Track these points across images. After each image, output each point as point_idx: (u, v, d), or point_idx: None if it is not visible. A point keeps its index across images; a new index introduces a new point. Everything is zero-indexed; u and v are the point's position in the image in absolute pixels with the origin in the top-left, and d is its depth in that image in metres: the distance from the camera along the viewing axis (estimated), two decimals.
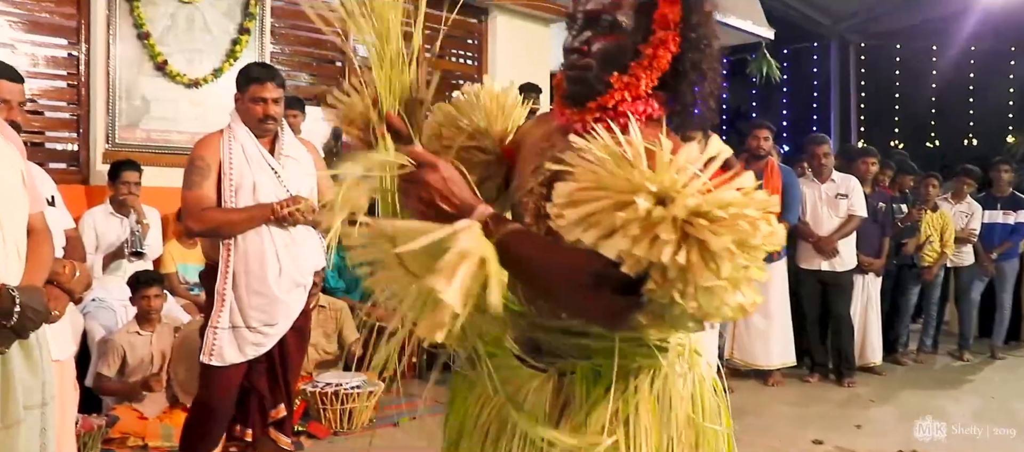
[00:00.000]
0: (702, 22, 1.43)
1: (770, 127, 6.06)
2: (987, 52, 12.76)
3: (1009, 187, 7.33)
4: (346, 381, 4.57)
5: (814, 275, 6.05)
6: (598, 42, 1.44)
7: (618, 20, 1.43)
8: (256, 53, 5.90)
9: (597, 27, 1.44)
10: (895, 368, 6.55)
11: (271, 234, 3.23)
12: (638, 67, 1.43)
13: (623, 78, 1.43)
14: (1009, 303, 7.28)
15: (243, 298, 3.22)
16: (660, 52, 1.42)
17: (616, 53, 1.44)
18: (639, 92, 1.43)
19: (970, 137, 13.60)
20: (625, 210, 1.14)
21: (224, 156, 3.23)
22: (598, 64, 1.44)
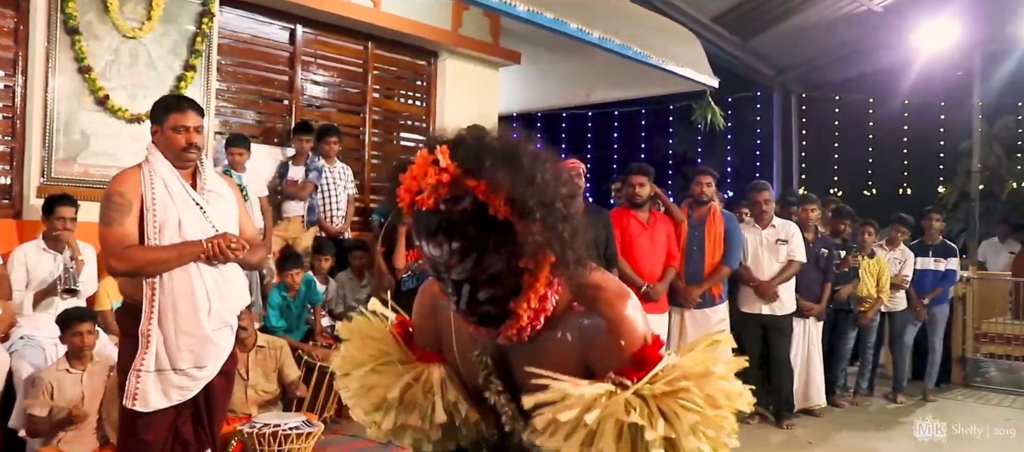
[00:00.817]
0: (545, 189, 1.38)
1: (713, 173, 6.19)
2: (920, 106, 13.27)
3: (940, 235, 7.59)
4: (285, 421, 4.48)
5: (755, 319, 6.15)
6: (483, 292, 1.42)
7: (491, 273, 1.40)
8: (202, 90, 5.86)
9: (475, 284, 1.42)
10: (833, 410, 6.65)
11: (200, 271, 3.05)
12: (527, 285, 1.43)
13: (520, 303, 1.44)
14: (940, 347, 7.48)
15: (171, 339, 3.02)
16: (538, 258, 1.41)
17: (503, 288, 1.43)
18: (540, 299, 1.45)
19: (904, 186, 14.06)
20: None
21: (146, 191, 3.03)
22: (493, 306, 1.44)
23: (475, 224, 1.36)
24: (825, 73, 13.12)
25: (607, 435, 1.32)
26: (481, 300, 1.43)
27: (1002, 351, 8.12)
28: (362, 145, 7.32)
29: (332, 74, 7.16)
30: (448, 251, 1.37)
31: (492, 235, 1.37)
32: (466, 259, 1.38)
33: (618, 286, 1.48)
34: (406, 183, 1.40)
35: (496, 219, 1.36)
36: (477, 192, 1.34)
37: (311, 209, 6.45)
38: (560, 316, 1.48)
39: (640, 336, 1.43)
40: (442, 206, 1.36)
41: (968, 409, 7.13)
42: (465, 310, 1.45)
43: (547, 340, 1.49)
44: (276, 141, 6.73)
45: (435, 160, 1.36)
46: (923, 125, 13.68)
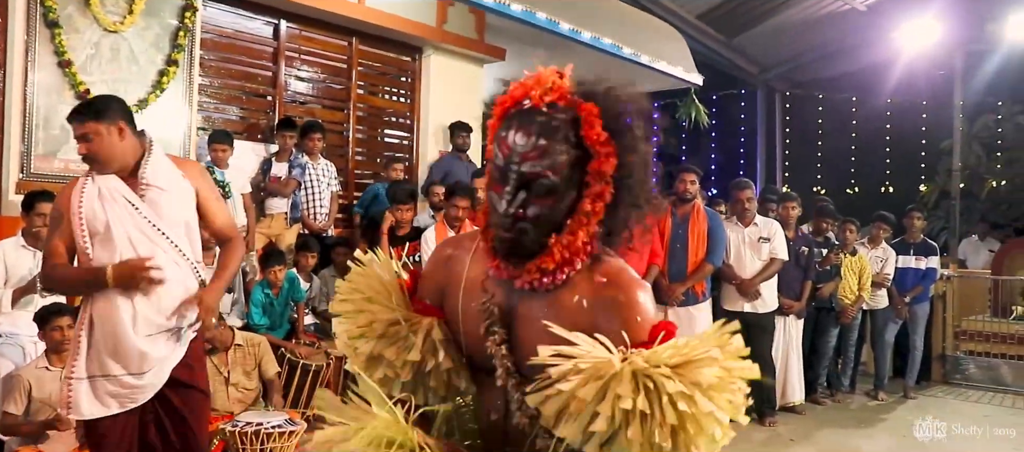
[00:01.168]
0: (636, 163, 1.45)
1: (697, 171, 6.21)
2: (903, 105, 13.38)
3: (921, 234, 7.65)
4: (267, 420, 4.46)
5: (737, 316, 6.13)
6: (534, 205, 1.43)
7: (554, 182, 1.42)
8: (184, 85, 5.81)
9: (532, 190, 1.43)
10: (814, 407, 6.70)
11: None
12: (575, 224, 1.44)
13: (561, 239, 1.44)
14: (921, 344, 7.54)
15: (97, 346, 2.89)
16: (596, 206, 1.44)
17: (552, 214, 1.44)
18: (577, 248, 1.45)
19: (887, 185, 14.17)
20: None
21: (74, 201, 2.91)
22: (534, 227, 1.45)
23: (567, 134, 1.42)
24: (809, 71, 13.22)
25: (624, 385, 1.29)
26: (528, 215, 1.44)
27: (981, 348, 8.20)
28: (346, 142, 7.29)
29: (316, 70, 7.12)
30: (532, 143, 1.41)
31: (574, 154, 1.42)
32: (544, 157, 1.41)
33: (634, 274, 1.50)
34: (518, 88, 1.47)
35: (583, 146, 1.42)
36: (581, 111, 1.43)
37: (295, 206, 6.42)
38: (581, 280, 1.47)
39: (652, 318, 1.45)
40: (546, 108, 1.44)
41: (948, 406, 7.20)
42: (510, 215, 1.44)
43: (561, 299, 1.47)
44: (259, 137, 6.69)
45: (560, 73, 1.46)
46: (905, 124, 13.79)
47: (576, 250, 1.44)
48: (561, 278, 1.46)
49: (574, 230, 1.44)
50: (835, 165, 14.53)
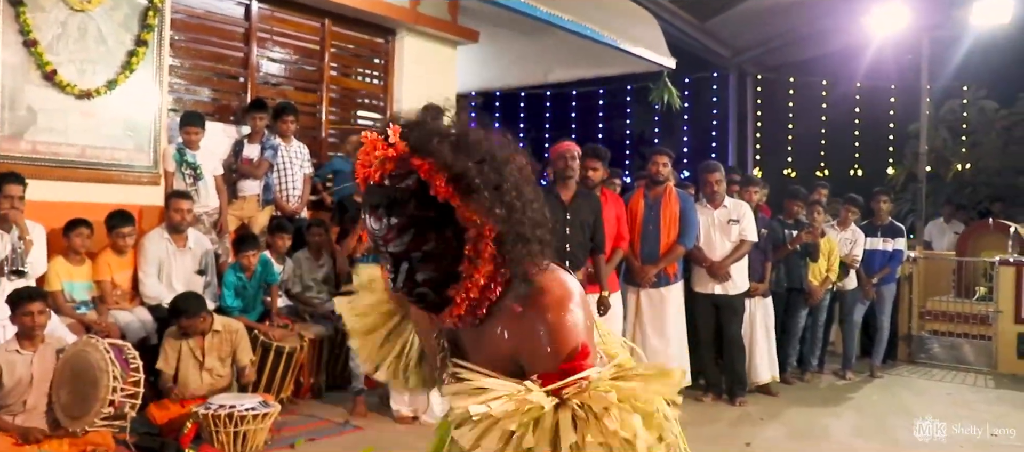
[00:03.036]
0: (505, 190, 1.41)
1: (669, 153, 6.26)
2: (872, 89, 13.54)
3: (888, 216, 7.77)
4: (240, 403, 4.46)
5: (708, 298, 6.25)
6: (420, 273, 1.44)
7: (426, 249, 1.42)
8: (154, 66, 5.74)
9: (411, 261, 1.44)
10: (784, 387, 6.80)
11: None
12: (469, 267, 1.42)
13: (459, 289, 1.44)
14: (887, 325, 7.69)
15: None
16: (480, 248, 1.41)
17: (440, 271, 1.44)
18: (479, 289, 1.43)
19: (856, 167, 14.35)
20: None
21: None
22: (429, 289, 1.46)
23: (415, 202, 1.39)
24: (780, 55, 13.32)
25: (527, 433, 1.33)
26: (418, 280, 1.45)
27: (945, 328, 8.38)
28: (319, 123, 7.25)
29: (289, 51, 7.07)
30: (386, 225, 1.41)
31: (431, 215, 1.39)
32: (403, 234, 1.41)
33: (562, 290, 1.46)
34: (361, 159, 1.43)
35: (436, 200, 1.39)
36: (420, 171, 1.37)
37: (267, 188, 6.38)
38: (501, 311, 1.47)
39: (571, 345, 1.41)
40: (387, 181, 1.40)
41: (913, 384, 7.36)
42: (402, 288, 1.46)
43: (488, 332, 1.49)
44: (231, 119, 6.63)
45: (385, 137, 1.39)
46: (874, 108, 13.96)
47: (479, 292, 1.43)
48: (482, 314, 1.47)
49: (469, 275, 1.42)
50: (805, 148, 14.68)
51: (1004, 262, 8.06)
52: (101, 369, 4.20)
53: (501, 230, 1.40)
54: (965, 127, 13.22)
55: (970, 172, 12.93)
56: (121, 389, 4.26)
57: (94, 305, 5.20)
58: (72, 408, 4.23)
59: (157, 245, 5.48)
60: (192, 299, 4.92)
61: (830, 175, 13.70)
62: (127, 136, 5.65)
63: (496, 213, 1.39)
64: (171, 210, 5.51)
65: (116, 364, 4.27)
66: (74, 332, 4.73)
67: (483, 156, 1.40)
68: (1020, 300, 7.84)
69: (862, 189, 8.45)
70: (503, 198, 1.40)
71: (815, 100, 14.47)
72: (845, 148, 14.42)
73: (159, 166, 5.83)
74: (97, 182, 5.50)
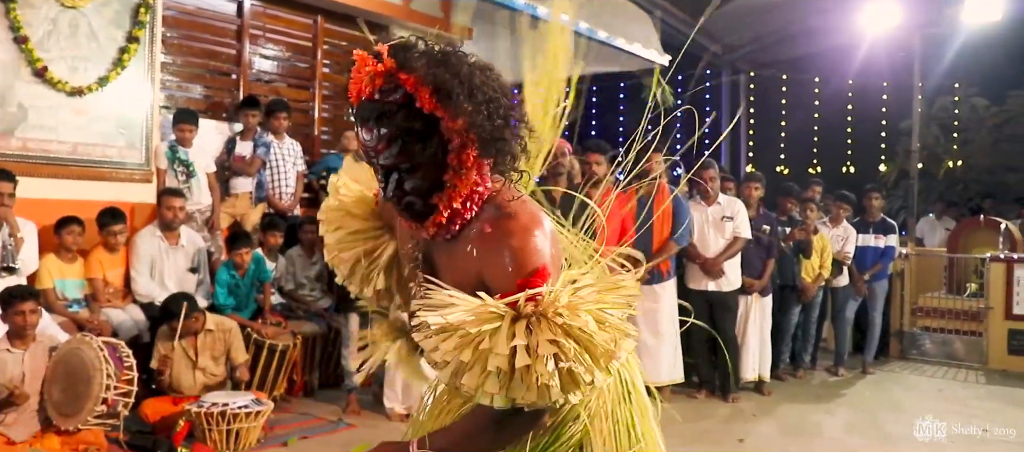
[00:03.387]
0: (484, 101, 1.49)
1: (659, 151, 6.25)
2: (864, 86, 13.57)
3: (880, 213, 7.79)
4: (233, 400, 4.45)
5: (701, 295, 6.25)
6: (408, 182, 1.53)
7: (414, 159, 1.51)
8: (146, 63, 5.72)
9: (400, 172, 1.53)
10: (776, 383, 6.81)
11: None
12: (453, 177, 1.52)
13: (442, 197, 1.53)
14: (879, 321, 7.72)
15: None
16: (462, 157, 1.50)
17: (427, 180, 1.53)
18: (460, 200, 1.53)
19: (848, 164, 14.40)
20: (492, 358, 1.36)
21: None
22: (417, 197, 1.55)
23: (403, 113, 1.47)
24: (773, 52, 13.32)
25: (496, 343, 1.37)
26: (406, 189, 1.54)
27: (936, 324, 8.41)
28: (311, 121, 7.24)
29: (281, 48, 7.05)
30: (376, 137, 1.50)
31: (418, 126, 1.48)
32: (392, 145, 1.50)
33: (530, 218, 1.54)
34: (353, 77, 1.52)
35: (423, 112, 1.47)
36: (407, 85, 1.46)
37: (260, 185, 6.37)
38: (472, 230, 1.56)
39: (532, 266, 1.47)
40: (377, 96, 1.48)
41: (904, 381, 7.39)
42: (392, 197, 1.56)
43: (458, 249, 1.57)
44: (224, 116, 6.61)
45: (376, 54, 1.48)
46: (866, 105, 14.00)
47: (460, 202, 1.53)
48: (456, 229, 1.56)
49: (453, 185, 1.52)
50: (798, 145, 14.73)
51: (995, 259, 8.10)
52: (95, 367, 4.19)
53: (482, 138, 1.49)
54: (957, 124, 13.27)
55: (961, 169, 13.00)
56: (115, 387, 4.25)
57: (86, 303, 5.18)
58: (64, 406, 4.22)
59: (149, 243, 5.46)
60: (183, 300, 4.89)
61: (822, 172, 13.77)
62: (119, 133, 5.63)
63: (477, 122, 1.47)
64: (163, 208, 5.50)
65: (110, 362, 4.26)
66: (66, 330, 4.71)
67: (463, 71, 1.48)
68: (1011, 296, 7.88)
69: (854, 186, 8.48)
70: (482, 108, 1.48)
71: (808, 97, 14.52)
72: (837, 145, 14.47)
73: (151, 163, 5.81)
74: (89, 179, 5.48)
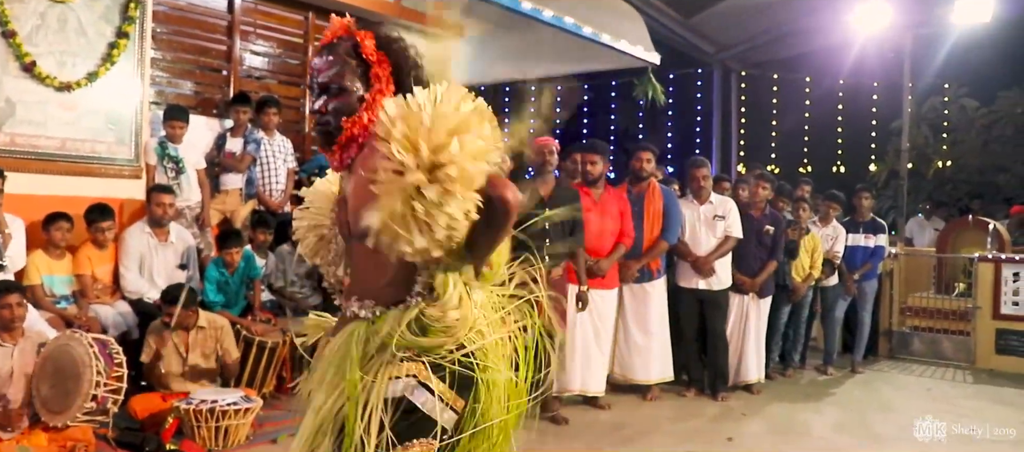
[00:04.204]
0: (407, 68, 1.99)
1: (652, 149, 6.26)
2: (855, 86, 13.63)
3: (870, 213, 7.82)
4: (222, 397, 4.44)
5: (692, 293, 6.27)
6: (332, 103, 1.97)
7: (344, 85, 1.96)
8: (136, 58, 5.70)
9: (329, 92, 1.98)
10: (766, 383, 6.79)
11: None
12: (364, 108, 1.95)
13: (350, 121, 1.95)
14: (868, 321, 7.75)
15: None
16: (376, 96, 1.95)
17: (345, 106, 1.96)
18: (362, 126, 1.94)
19: (838, 164, 14.46)
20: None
21: None
22: (333, 117, 1.97)
23: (348, 48, 1.98)
24: (764, 52, 13.34)
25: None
26: (330, 109, 1.96)
27: (925, 324, 8.46)
28: (302, 117, 7.22)
29: (272, 44, 7.03)
30: (323, 62, 1.98)
31: (354, 63, 1.97)
32: (332, 68, 1.97)
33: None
34: (325, 36, 2.03)
35: (362, 56, 1.97)
36: (357, 35, 1.99)
37: (250, 182, 6.35)
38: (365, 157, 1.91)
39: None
40: (335, 40, 2.00)
41: (893, 380, 7.42)
42: (318, 111, 1.98)
43: (356, 176, 1.94)
44: (214, 112, 6.59)
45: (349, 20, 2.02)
46: (857, 105, 14.06)
47: (361, 127, 1.94)
48: (354, 153, 1.96)
49: (361, 113, 1.94)
50: (789, 144, 14.77)
51: (983, 259, 8.14)
52: (85, 364, 4.17)
53: (395, 89, 1.96)
54: (946, 125, 13.33)
55: (951, 169, 13.06)
56: (104, 384, 4.23)
57: (74, 299, 5.15)
58: (53, 402, 4.19)
59: (138, 239, 5.44)
60: (185, 290, 4.89)
61: (813, 172, 13.83)
62: (108, 129, 5.61)
63: (397, 78, 1.98)
64: (153, 204, 5.48)
65: (100, 359, 4.24)
66: (54, 326, 4.69)
67: (400, 45, 2.01)
68: (998, 296, 7.93)
69: (845, 186, 8.51)
70: (403, 70, 1.99)
71: (798, 97, 14.56)
72: (828, 145, 14.53)
73: (140, 160, 5.78)
74: (77, 175, 5.45)
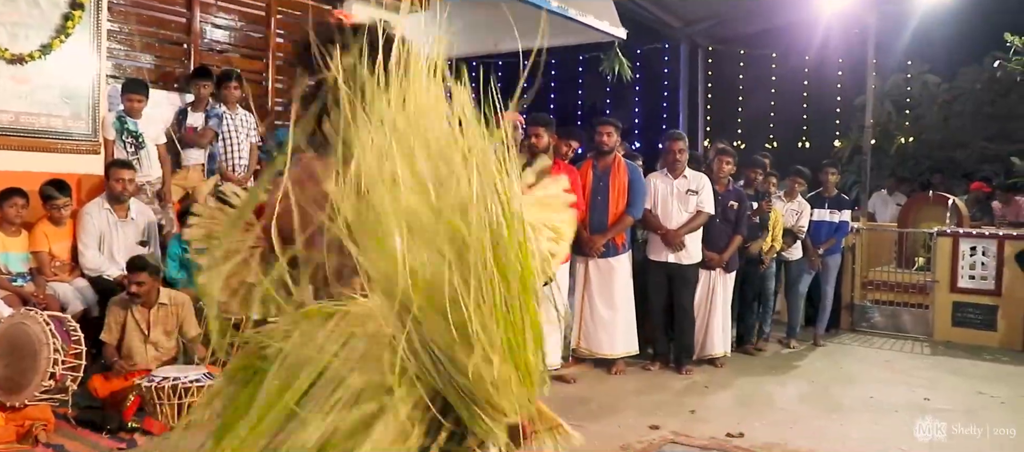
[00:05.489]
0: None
1: (616, 123, 6.25)
2: (820, 62, 13.72)
3: (835, 188, 7.90)
4: (184, 375, 4.39)
5: (661, 267, 6.29)
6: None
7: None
8: (91, 31, 5.57)
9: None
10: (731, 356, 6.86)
11: None
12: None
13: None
14: (831, 294, 7.85)
15: None
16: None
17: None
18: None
19: (804, 140, 14.59)
20: None
21: None
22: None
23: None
24: (731, 27, 13.37)
25: None
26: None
27: (886, 297, 8.60)
28: (265, 92, 7.11)
29: (233, 17, 6.89)
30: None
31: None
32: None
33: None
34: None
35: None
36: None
37: (212, 157, 6.25)
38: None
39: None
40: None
41: (854, 352, 7.55)
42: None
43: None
44: (175, 86, 6.46)
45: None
46: (822, 81, 14.16)
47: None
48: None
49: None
50: (755, 120, 14.86)
51: (942, 233, 8.27)
52: (41, 342, 4.10)
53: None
54: (909, 101, 13.49)
55: (913, 145, 13.23)
56: (62, 362, 4.17)
57: (31, 277, 5.06)
58: (9, 382, 4.12)
59: (97, 216, 5.34)
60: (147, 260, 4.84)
61: (779, 147, 13.93)
62: (64, 103, 5.48)
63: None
64: (112, 180, 5.38)
65: (57, 337, 4.18)
66: (10, 305, 4.59)
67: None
68: (956, 270, 8.08)
69: (810, 161, 8.57)
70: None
71: (765, 72, 14.64)
72: (794, 121, 14.64)
73: (98, 134, 5.67)
74: (32, 151, 5.35)
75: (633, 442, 4.49)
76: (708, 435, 4.66)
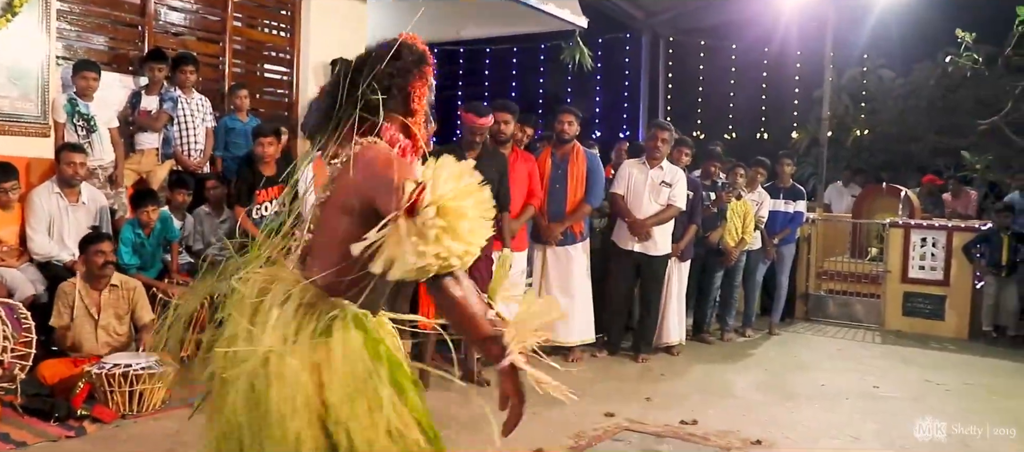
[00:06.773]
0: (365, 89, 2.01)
1: (576, 112, 6.25)
2: (779, 55, 13.90)
3: (791, 179, 8.02)
4: (135, 362, 4.33)
5: (628, 255, 6.29)
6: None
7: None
8: (40, 10, 5.42)
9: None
10: (686, 344, 6.93)
11: None
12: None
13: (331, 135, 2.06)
14: (786, 284, 7.98)
15: None
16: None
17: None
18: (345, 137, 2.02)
19: (762, 131, 14.78)
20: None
21: None
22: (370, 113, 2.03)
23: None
24: (693, 18, 13.45)
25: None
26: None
27: (840, 287, 8.77)
28: (222, 76, 7.00)
29: (190, 0, 6.77)
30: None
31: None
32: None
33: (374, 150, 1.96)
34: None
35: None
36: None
37: (166, 141, 6.15)
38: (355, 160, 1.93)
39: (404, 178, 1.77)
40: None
41: (807, 341, 7.69)
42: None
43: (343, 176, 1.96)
44: (129, 69, 6.33)
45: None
46: (781, 73, 14.36)
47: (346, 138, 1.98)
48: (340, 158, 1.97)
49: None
50: (715, 110, 15.03)
51: (894, 224, 8.45)
52: None
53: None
54: (865, 95, 13.73)
55: (869, 138, 13.48)
56: (12, 350, 4.08)
57: None
58: None
59: (47, 200, 5.23)
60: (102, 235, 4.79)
61: (738, 138, 14.10)
62: (11, 84, 5.34)
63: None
64: (62, 164, 5.26)
65: (8, 323, 4.10)
66: None
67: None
68: (907, 261, 8.26)
69: (768, 152, 8.69)
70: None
71: (725, 64, 14.78)
72: (753, 112, 14.84)
73: (48, 117, 5.54)
74: None
75: (588, 429, 4.52)
76: (662, 422, 4.71)
